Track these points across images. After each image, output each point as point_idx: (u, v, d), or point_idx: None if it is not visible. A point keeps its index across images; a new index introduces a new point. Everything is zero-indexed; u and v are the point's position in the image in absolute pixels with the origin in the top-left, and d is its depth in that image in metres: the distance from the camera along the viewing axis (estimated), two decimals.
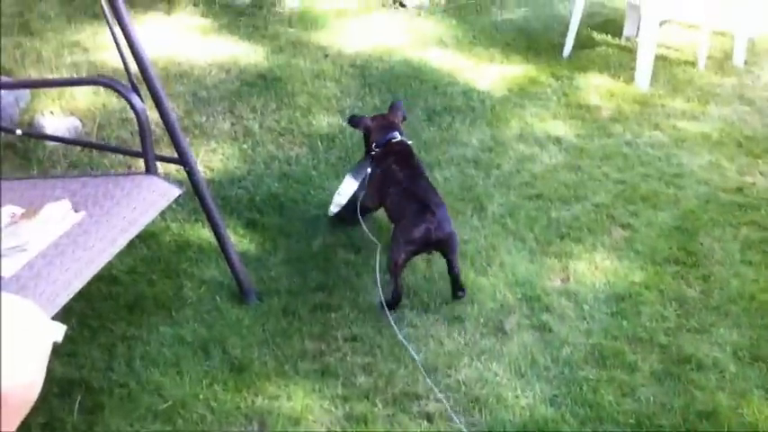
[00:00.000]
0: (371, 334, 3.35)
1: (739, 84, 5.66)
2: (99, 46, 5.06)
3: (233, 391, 3.05)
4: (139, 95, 3.04)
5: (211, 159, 4.39)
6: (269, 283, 3.61)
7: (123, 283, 3.52)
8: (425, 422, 2.95)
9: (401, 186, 3.60)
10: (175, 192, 3.07)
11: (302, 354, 3.24)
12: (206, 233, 3.75)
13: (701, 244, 4.02)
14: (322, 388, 3.08)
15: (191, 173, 3.22)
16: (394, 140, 3.76)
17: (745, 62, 5.93)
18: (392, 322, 3.32)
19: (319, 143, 4.60)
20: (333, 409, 3.01)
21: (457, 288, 3.54)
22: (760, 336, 3.43)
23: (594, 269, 3.81)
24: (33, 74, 4.79)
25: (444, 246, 3.48)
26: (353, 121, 3.92)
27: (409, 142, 3.80)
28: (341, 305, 3.50)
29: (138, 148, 3.25)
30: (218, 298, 3.49)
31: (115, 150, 4.02)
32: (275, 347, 3.25)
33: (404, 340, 3.28)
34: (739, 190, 4.47)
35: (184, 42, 5.44)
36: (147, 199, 2.94)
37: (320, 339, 3.32)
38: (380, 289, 3.45)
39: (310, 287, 3.60)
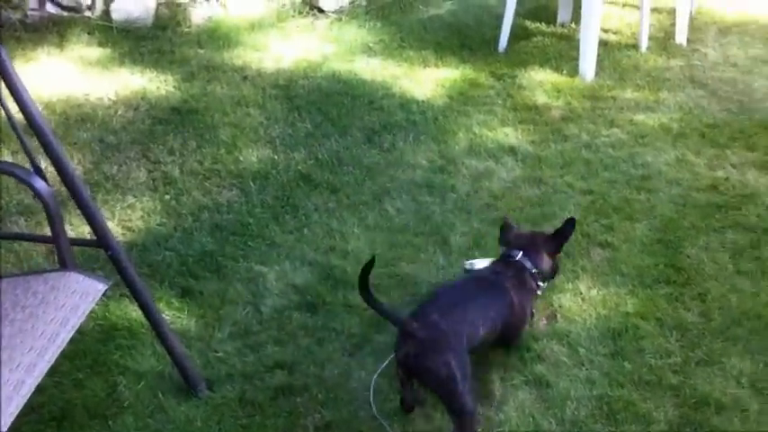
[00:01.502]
0: (347, 417, 2.86)
1: (687, 65, 5.34)
2: None
3: None
4: (43, 176, 2.46)
5: (130, 217, 3.81)
6: (218, 367, 3.09)
7: (46, 390, 2.93)
8: None
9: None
10: (100, 287, 2.52)
11: None
12: (135, 311, 3.19)
13: (689, 257, 3.65)
14: None
15: (114, 258, 2.67)
16: (511, 259, 3.06)
17: (688, 40, 5.62)
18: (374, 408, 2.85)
19: (251, 183, 4.06)
20: None
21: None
22: None
23: (581, 301, 3.40)
24: None
25: (427, 384, 2.74)
26: (504, 227, 3.22)
27: (526, 264, 3.05)
28: (306, 385, 2.99)
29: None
30: (160, 394, 2.94)
31: (18, 238, 3.40)
32: None
33: (386, 425, 2.80)
34: (714, 187, 4.12)
35: (83, 78, 4.80)
36: (66, 305, 2.39)
37: None
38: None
39: (267, 365, 3.08)
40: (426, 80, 5.07)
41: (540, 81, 5.11)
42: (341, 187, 4.06)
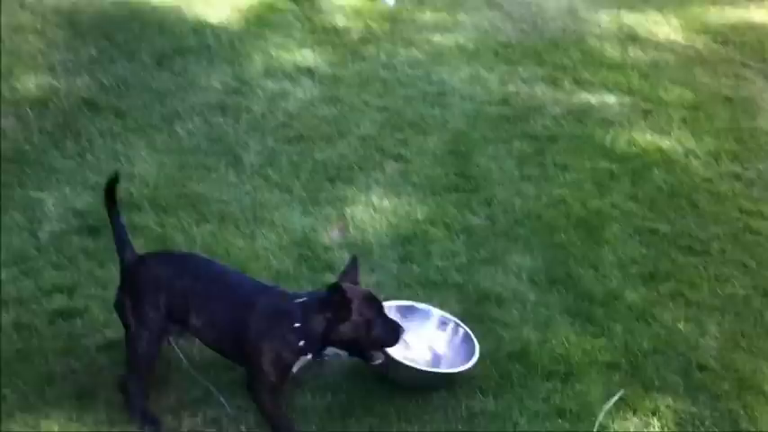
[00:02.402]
0: None
1: None
2: None
3: None
4: None
5: None
6: None
7: None
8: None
9: None
10: None
11: (49, 378, 2.63)
12: None
13: (478, 166, 3.76)
14: (81, 415, 2.51)
15: None
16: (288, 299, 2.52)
17: None
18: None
19: (29, 110, 3.85)
20: None
21: None
22: (553, 257, 3.23)
23: (373, 212, 3.44)
24: None
25: None
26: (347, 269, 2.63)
27: (294, 315, 2.42)
28: (87, 307, 2.88)
29: None
30: None
31: None
32: (13, 376, 2.61)
33: (175, 345, 2.72)
34: (504, 101, 4.25)
35: None
36: None
37: (68, 354, 2.70)
38: None
39: (45, 290, 2.95)
40: (221, 4, 4.92)
41: (339, 5, 5.07)
42: (128, 111, 3.90)
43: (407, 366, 2.55)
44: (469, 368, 2.60)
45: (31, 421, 2.48)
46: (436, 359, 2.76)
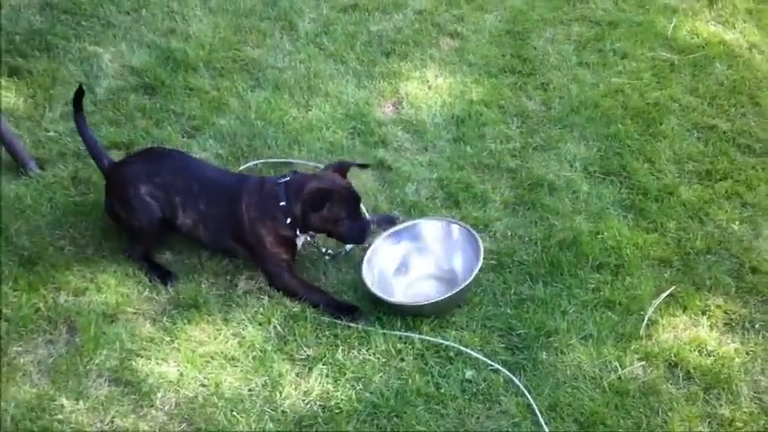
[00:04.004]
0: None
1: None
2: None
3: (27, 290, 2.48)
4: None
5: None
6: (49, 146, 2.96)
7: None
8: (266, 298, 2.53)
9: None
10: None
11: (105, 231, 2.68)
12: None
13: (535, 48, 3.68)
14: (136, 271, 2.57)
15: None
16: (271, 180, 2.64)
17: None
18: None
19: None
20: (155, 295, 2.52)
21: None
22: (608, 147, 3.19)
23: (428, 89, 3.40)
24: None
25: None
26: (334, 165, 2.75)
27: (279, 193, 2.54)
28: None
29: None
30: None
31: None
32: (71, 228, 2.68)
33: None
34: None
35: None
36: None
37: None
38: None
39: (102, 146, 2.93)
40: None
41: None
42: None
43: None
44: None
45: (87, 273, 2.55)
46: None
